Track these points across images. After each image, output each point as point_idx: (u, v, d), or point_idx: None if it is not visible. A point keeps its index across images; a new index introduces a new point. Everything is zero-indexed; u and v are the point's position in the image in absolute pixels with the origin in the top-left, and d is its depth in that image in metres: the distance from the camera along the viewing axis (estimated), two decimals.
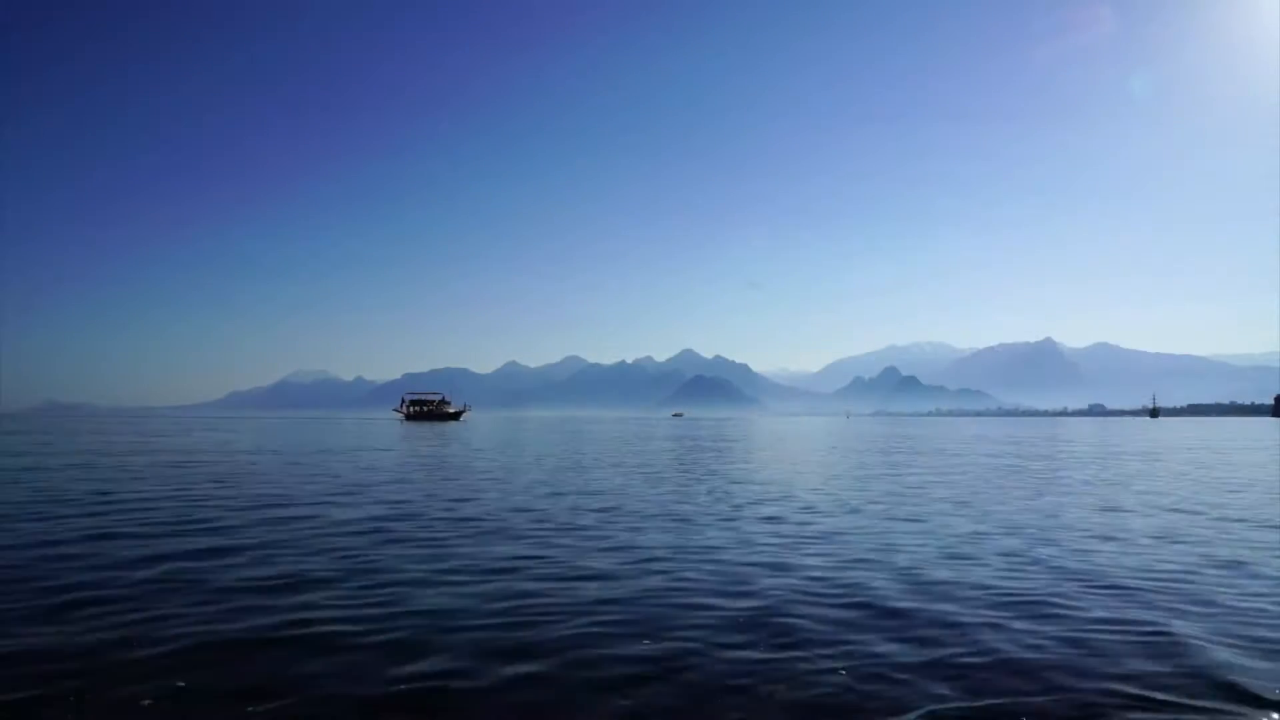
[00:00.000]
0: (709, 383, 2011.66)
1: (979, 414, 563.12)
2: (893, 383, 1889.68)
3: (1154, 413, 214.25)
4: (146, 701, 3.27)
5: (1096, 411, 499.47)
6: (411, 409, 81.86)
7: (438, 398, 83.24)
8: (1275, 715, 3.22)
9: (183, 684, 3.47)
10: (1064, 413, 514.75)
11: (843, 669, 3.68)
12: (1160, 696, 3.39)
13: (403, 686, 3.48)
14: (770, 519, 8.76)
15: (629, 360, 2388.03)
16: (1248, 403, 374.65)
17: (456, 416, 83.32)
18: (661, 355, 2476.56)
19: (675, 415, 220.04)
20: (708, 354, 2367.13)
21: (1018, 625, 4.45)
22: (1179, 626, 4.40)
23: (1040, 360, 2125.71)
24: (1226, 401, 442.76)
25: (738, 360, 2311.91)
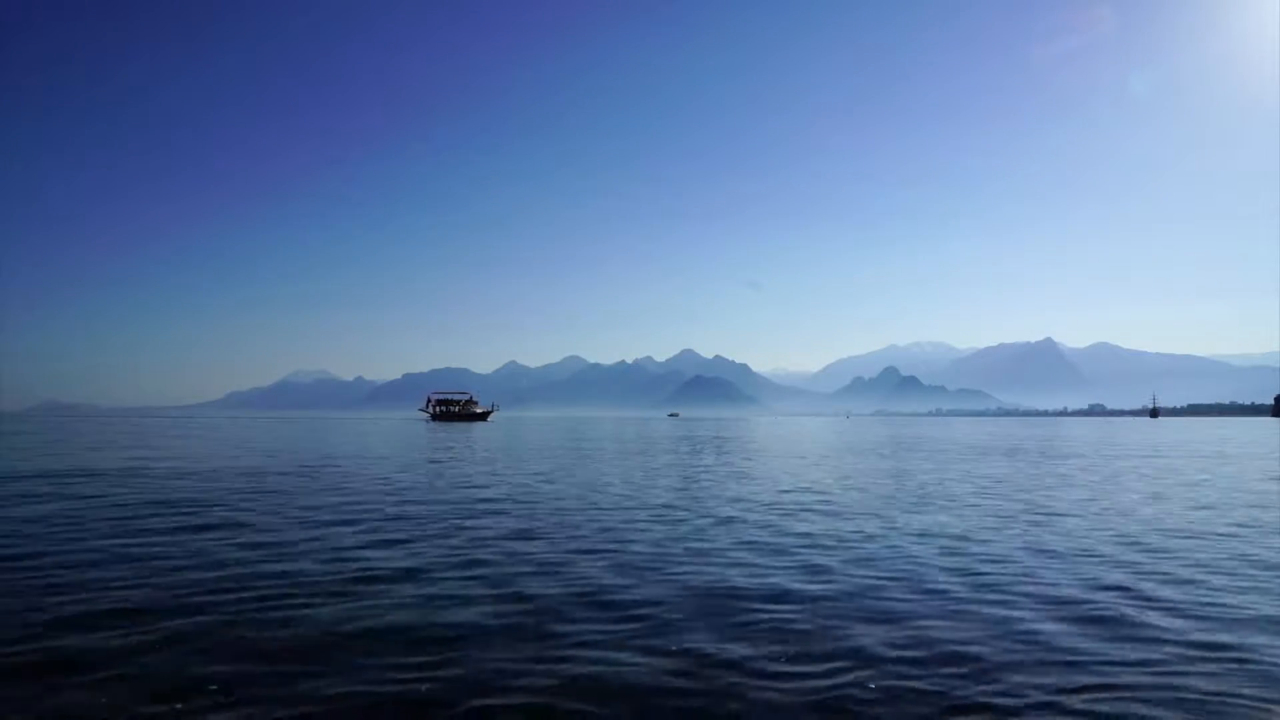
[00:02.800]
0: (709, 383, 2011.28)
1: (979, 414, 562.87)
2: (893, 383, 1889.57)
3: (1154, 413, 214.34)
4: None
5: (1097, 411, 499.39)
6: (438, 409, 79.29)
7: (465, 397, 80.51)
8: None
9: None
10: (1064, 413, 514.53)
11: None
12: None
13: None
14: None
15: (629, 360, 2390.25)
16: (1248, 403, 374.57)
17: (484, 417, 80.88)
18: (661, 355, 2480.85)
19: (671, 415, 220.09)
20: (707, 354, 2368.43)
21: None
22: None
23: (1040, 360, 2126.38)
24: (1226, 401, 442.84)
25: (737, 360, 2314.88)
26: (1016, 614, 4.69)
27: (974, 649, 3.95)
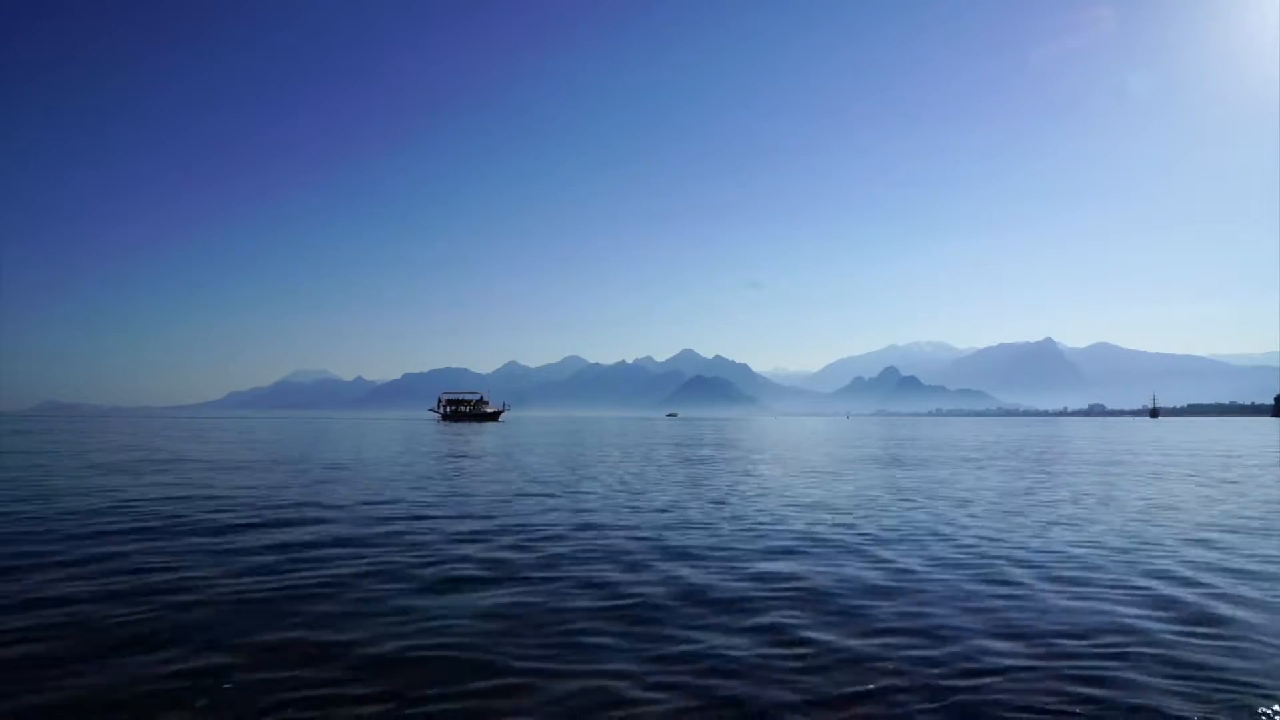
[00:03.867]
0: (709, 383, 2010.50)
1: (979, 414, 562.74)
2: (893, 383, 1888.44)
3: (1154, 413, 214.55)
4: None
5: (1097, 411, 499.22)
6: (449, 409, 79.07)
7: (475, 397, 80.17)
8: None
9: None
10: (1064, 413, 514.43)
11: None
12: None
13: None
14: None
15: (629, 360, 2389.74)
16: (1248, 403, 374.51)
17: (495, 417, 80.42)
18: (661, 355, 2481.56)
19: (670, 415, 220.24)
20: (708, 354, 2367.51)
21: None
22: None
23: (1040, 360, 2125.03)
24: (1226, 401, 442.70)
25: (738, 360, 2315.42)
26: None
27: None
